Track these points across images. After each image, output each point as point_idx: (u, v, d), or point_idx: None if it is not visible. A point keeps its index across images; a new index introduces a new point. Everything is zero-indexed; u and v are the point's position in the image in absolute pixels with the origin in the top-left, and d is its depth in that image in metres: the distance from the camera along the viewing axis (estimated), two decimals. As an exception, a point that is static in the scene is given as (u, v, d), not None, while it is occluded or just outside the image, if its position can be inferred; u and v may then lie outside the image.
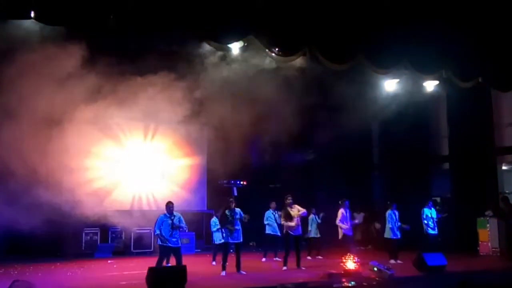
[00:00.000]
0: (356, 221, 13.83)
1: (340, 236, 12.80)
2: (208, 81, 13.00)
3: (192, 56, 12.40)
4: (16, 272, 11.38)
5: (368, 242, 18.07)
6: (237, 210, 11.32)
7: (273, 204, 13.82)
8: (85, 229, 15.37)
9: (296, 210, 12.07)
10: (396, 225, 13.23)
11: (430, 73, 14.03)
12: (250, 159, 15.56)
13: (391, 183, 18.14)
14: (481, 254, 14.85)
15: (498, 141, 16.72)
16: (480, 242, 15.03)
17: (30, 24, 10.24)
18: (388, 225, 13.30)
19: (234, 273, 11.08)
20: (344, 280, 10.01)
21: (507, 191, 16.77)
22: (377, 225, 13.57)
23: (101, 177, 15.44)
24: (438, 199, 18.71)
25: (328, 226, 13.98)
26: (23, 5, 9.49)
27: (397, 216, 13.33)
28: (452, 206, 17.17)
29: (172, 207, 10.70)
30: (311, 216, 14.65)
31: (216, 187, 17.09)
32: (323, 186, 18.45)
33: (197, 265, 12.30)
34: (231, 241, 11.28)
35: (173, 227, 10.49)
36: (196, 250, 16.44)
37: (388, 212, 13.37)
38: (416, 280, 10.77)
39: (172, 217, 10.57)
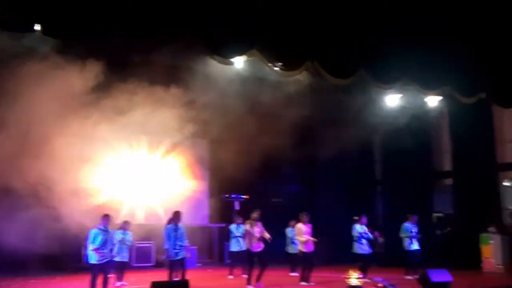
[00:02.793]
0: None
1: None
2: (210, 95, 13.02)
3: (195, 70, 12.45)
4: (17, 286, 11.29)
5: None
6: (179, 225, 10.48)
7: (236, 218, 13.47)
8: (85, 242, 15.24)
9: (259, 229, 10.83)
10: (363, 239, 12.50)
11: (432, 89, 14.10)
12: (252, 173, 15.52)
13: (393, 199, 18.04)
14: (485, 270, 14.70)
15: (500, 157, 16.73)
16: (483, 259, 14.90)
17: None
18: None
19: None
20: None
21: (509, 207, 16.72)
22: (381, 239, 13.35)
23: (101, 191, 15.34)
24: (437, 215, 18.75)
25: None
26: (27, 19, 9.55)
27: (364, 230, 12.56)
28: (454, 222, 17.08)
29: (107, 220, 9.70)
30: (288, 229, 13.80)
31: (218, 201, 17.07)
32: (325, 200, 18.38)
33: (199, 280, 12.24)
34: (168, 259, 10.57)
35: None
36: (197, 264, 16.36)
37: (356, 226, 12.58)
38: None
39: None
